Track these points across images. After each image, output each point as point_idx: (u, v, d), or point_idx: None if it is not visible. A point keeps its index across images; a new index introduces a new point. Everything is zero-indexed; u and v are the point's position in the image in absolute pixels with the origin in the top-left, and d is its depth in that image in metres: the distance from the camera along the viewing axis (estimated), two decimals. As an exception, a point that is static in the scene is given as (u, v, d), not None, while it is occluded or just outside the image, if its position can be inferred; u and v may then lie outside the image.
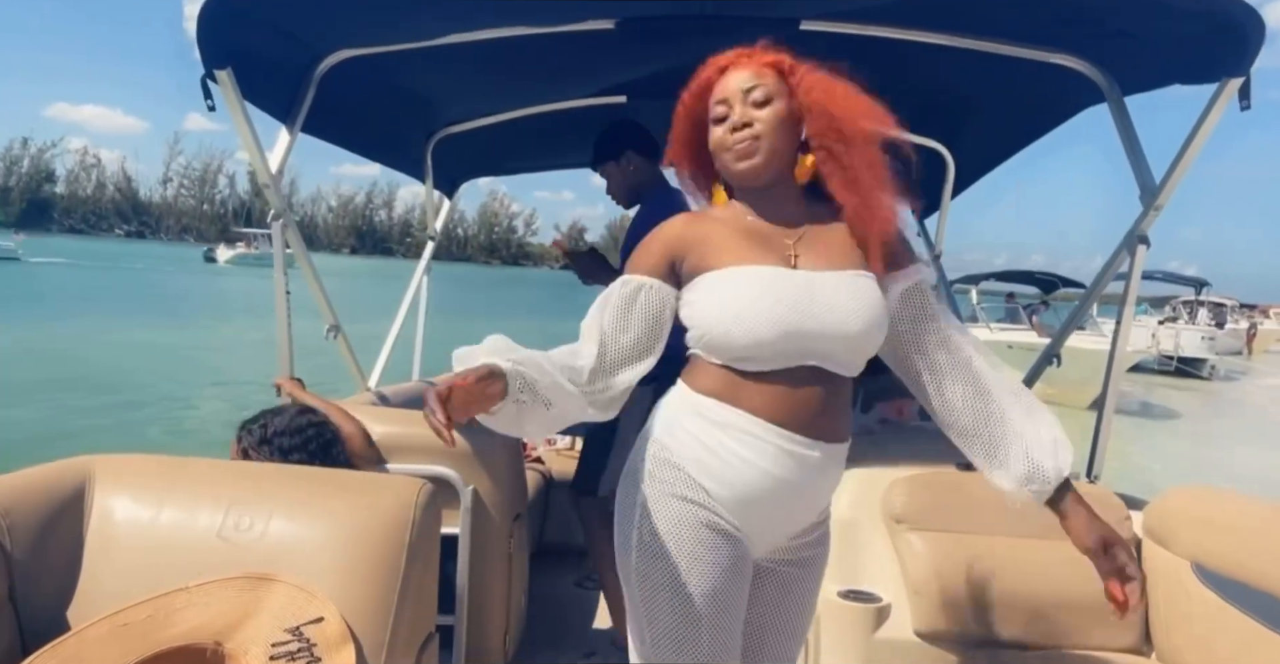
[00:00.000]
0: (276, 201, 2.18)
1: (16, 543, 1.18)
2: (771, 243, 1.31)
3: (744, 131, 1.27)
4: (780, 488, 1.25)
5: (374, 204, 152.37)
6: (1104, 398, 2.23)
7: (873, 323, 1.26)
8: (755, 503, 1.27)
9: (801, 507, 1.32)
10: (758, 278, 1.25)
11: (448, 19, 2.08)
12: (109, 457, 1.38)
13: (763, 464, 1.24)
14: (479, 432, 2.25)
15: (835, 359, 1.26)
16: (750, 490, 1.26)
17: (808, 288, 1.24)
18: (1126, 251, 2.14)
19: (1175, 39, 1.87)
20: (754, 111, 1.28)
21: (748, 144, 1.28)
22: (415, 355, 3.83)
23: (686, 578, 1.25)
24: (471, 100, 3.00)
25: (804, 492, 1.29)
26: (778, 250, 1.30)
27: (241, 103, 1.94)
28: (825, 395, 1.26)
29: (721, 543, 1.27)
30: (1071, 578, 1.86)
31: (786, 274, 1.26)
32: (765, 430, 1.24)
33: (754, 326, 1.21)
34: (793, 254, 1.29)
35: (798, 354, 1.24)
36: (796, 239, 1.31)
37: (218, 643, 1.10)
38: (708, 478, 1.27)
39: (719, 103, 1.31)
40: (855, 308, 1.24)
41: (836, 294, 1.25)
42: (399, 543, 1.26)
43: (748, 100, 1.29)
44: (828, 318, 1.22)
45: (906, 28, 2.13)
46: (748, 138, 1.27)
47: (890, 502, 1.96)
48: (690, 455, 1.28)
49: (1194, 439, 11.95)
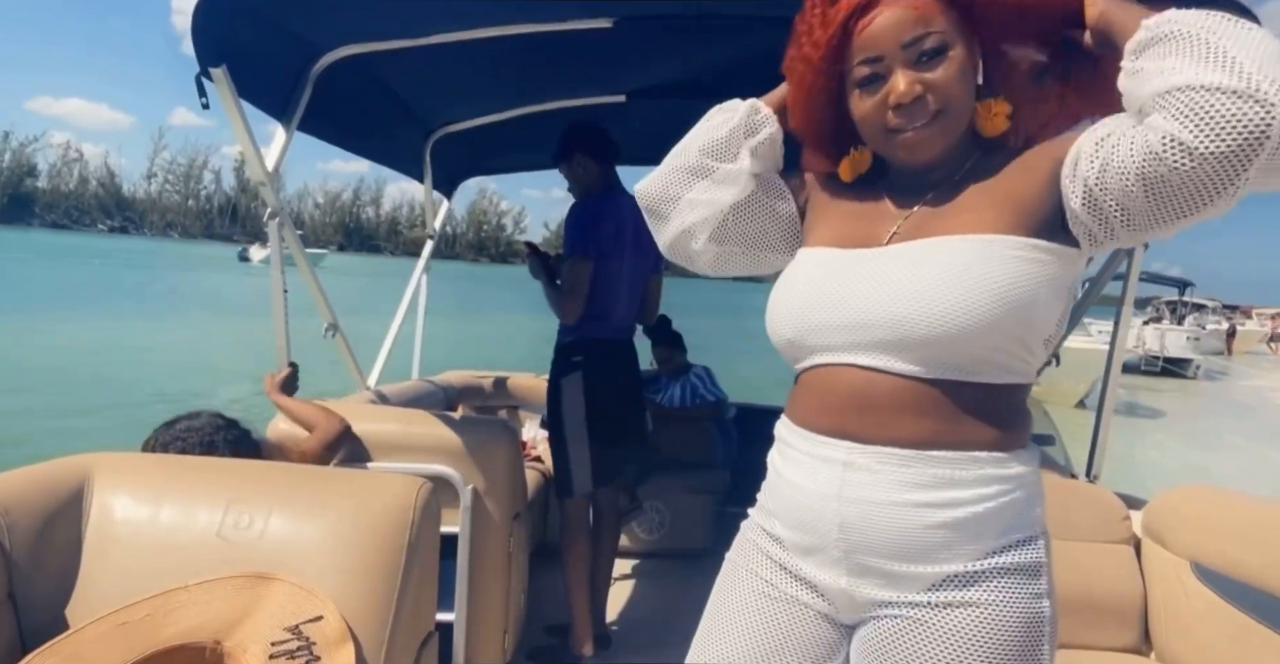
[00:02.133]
0: (272, 200, 2.18)
1: (15, 542, 1.18)
2: (879, 213, 1.02)
3: (914, 108, 0.92)
4: (818, 504, 0.94)
5: (361, 201, 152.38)
6: (1103, 398, 2.24)
7: (966, 301, 0.86)
8: (800, 523, 0.98)
9: (874, 531, 0.91)
10: (812, 262, 1.02)
11: (446, 17, 2.08)
12: (108, 455, 1.38)
13: (794, 476, 0.98)
14: (478, 431, 2.27)
15: (882, 352, 0.92)
16: (790, 509, 0.99)
17: (864, 269, 0.95)
18: (1124, 252, 2.14)
19: None
20: (925, 75, 0.92)
21: (925, 129, 0.93)
22: (415, 354, 3.83)
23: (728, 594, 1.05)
24: (470, 99, 3.00)
25: (859, 509, 0.92)
26: (882, 223, 1.00)
27: (237, 101, 1.93)
28: (878, 393, 0.92)
29: (780, 597, 1.00)
30: (1070, 577, 1.86)
31: (852, 256, 0.98)
32: (797, 436, 1.00)
33: (775, 323, 1.02)
34: (893, 229, 0.98)
35: (828, 349, 0.96)
36: (917, 208, 0.99)
37: (217, 642, 1.10)
38: (765, 493, 1.06)
39: (866, 62, 0.94)
40: (929, 282, 0.88)
41: (904, 267, 0.91)
42: (399, 542, 1.26)
43: (912, 57, 0.92)
44: (863, 299, 0.92)
45: None
46: (921, 119, 0.93)
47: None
48: (766, 471, 1.08)
49: (1181, 438, 12.00)
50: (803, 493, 0.97)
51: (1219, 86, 0.74)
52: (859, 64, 0.95)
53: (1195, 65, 0.76)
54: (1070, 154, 0.90)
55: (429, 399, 3.30)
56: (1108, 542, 1.92)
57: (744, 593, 1.03)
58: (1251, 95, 0.73)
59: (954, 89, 0.92)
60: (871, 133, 0.99)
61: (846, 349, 0.95)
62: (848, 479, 0.92)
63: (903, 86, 0.92)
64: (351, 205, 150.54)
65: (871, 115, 0.96)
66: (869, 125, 0.98)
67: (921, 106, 0.92)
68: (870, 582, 0.94)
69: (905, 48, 0.92)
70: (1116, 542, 1.92)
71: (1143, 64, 0.81)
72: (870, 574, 0.94)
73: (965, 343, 0.88)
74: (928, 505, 0.90)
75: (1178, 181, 0.78)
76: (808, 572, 0.98)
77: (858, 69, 0.95)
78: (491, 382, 3.89)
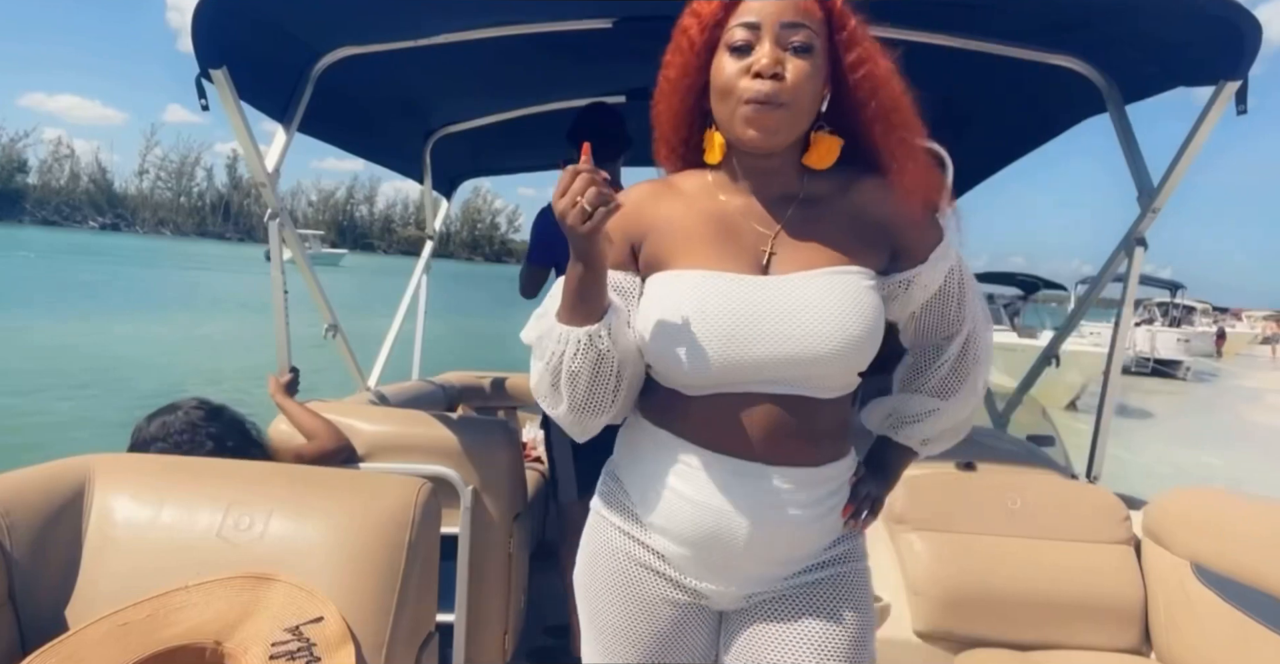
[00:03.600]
0: (273, 201, 2.17)
1: (16, 542, 1.18)
2: (744, 237, 1.05)
3: (770, 85, 0.97)
4: (720, 524, 1.02)
5: (355, 199, 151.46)
6: (1103, 399, 2.24)
7: (856, 336, 0.99)
8: (699, 540, 1.04)
9: (769, 546, 1.04)
10: (706, 290, 1.01)
11: (446, 17, 2.08)
12: (108, 456, 1.38)
13: (691, 492, 1.03)
14: (478, 431, 2.27)
15: (800, 384, 1.01)
16: (688, 526, 1.04)
17: (767, 302, 1.00)
18: (1125, 253, 2.14)
19: (1173, 42, 1.87)
20: (790, 59, 0.98)
21: (770, 111, 0.98)
22: (415, 354, 3.83)
23: (609, 609, 1.12)
24: (470, 100, 3.00)
25: (764, 528, 1.02)
26: (749, 247, 1.04)
27: (237, 102, 1.92)
28: (790, 420, 1.01)
29: (650, 581, 1.09)
30: (1071, 578, 1.86)
31: (745, 284, 1.01)
32: (698, 456, 1.03)
33: (685, 353, 0.99)
34: (768, 252, 1.04)
35: (742, 383, 1.01)
36: (778, 231, 1.05)
37: (217, 642, 1.10)
38: (643, 507, 1.09)
39: (744, 26, 0.99)
40: (832, 321, 0.99)
41: (808, 306, 0.99)
42: (399, 542, 1.26)
43: (784, 38, 0.98)
44: (784, 339, 0.98)
45: (908, 31, 2.13)
46: (771, 100, 0.97)
47: (891, 502, 1.95)
48: (630, 480, 1.12)
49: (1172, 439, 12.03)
50: (707, 512, 1.03)
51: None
52: (738, 26, 1.00)
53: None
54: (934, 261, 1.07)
55: (429, 399, 3.30)
56: (1108, 542, 1.92)
57: (630, 610, 1.10)
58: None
59: (805, 88, 0.99)
60: (724, 95, 1.01)
61: (759, 383, 1.01)
62: (760, 500, 1.02)
63: (767, 58, 0.97)
64: (345, 203, 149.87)
65: (731, 77, 0.99)
66: (725, 86, 1.00)
67: (777, 87, 0.97)
68: (755, 580, 1.07)
69: (782, 27, 0.98)
70: (1117, 542, 1.93)
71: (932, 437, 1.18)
72: (760, 575, 1.07)
73: (849, 369, 1.02)
74: (819, 513, 1.06)
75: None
76: (696, 585, 1.08)
77: (735, 31, 1.00)
78: (491, 382, 3.89)
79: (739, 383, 1.01)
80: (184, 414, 1.73)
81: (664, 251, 1.06)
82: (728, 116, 1.02)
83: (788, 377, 1.00)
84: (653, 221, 1.08)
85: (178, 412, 1.74)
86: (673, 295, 1.02)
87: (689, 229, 1.06)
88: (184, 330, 15.98)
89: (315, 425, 2.08)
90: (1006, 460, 2.27)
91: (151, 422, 1.73)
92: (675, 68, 1.06)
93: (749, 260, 1.04)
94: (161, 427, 1.71)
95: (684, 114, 1.09)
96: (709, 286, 1.01)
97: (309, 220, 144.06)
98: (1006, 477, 2.12)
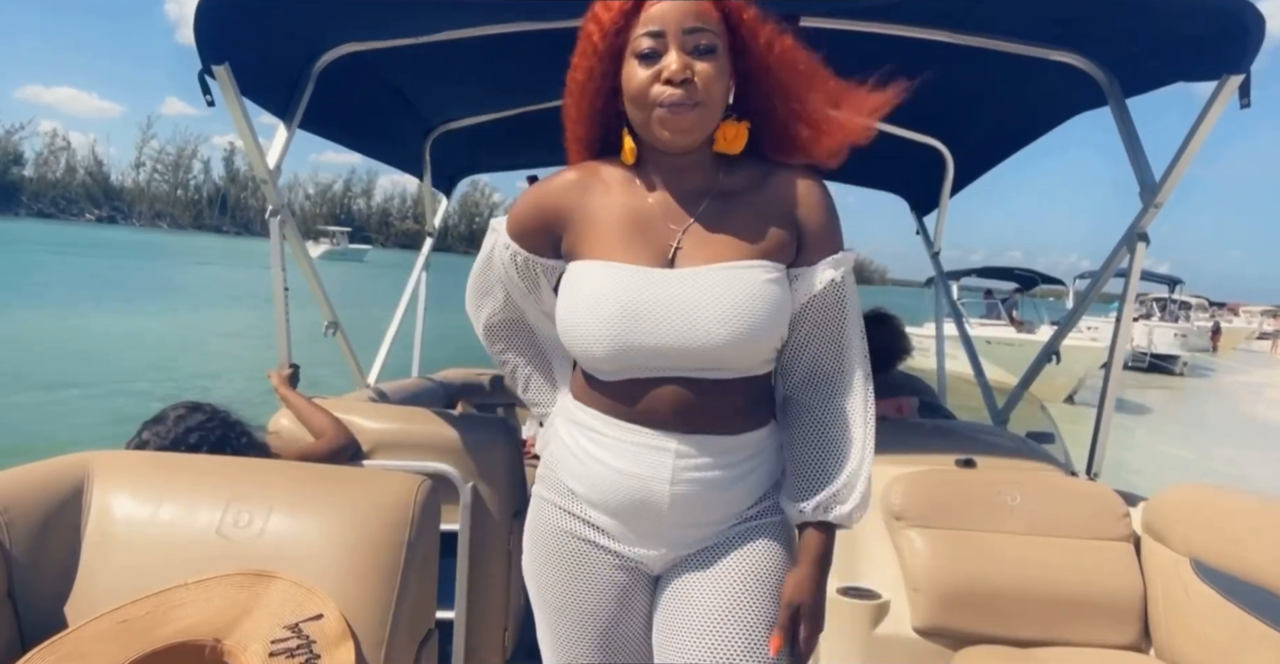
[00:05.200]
0: (274, 197, 2.17)
1: (15, 540, 1.18)
2: (653, 229, 1.11)
3: (681, 91, 1.03)
4: (645, 488, 1.10)
5: (352, 192, 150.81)
6: (1104, 395, 2.24)
7: (748, 326, 1.05)
8: (624, 506, 1.12)
9: (688, 509, 1.11)
10: (607, 281, 1.08)
11: (447, 15, 2.07)
12: (107, 452, 1.38)
13: (617, 462, 1.11)
14: (478, 428, 2.27)
15: (699, 368, 1.08)
16: (612, 492, 1.12)
17: (663, 295, 1.06)
18: (1127, 248, 2.14)
19: (1176, 36, 1.87)
20: (696, 63, 1.04)
21: (683, 112, 1.04)
22: (415, 352, 3.83)
23: (555, 586, 1.19)
24: (470, 97, 2.99)
25: (683, 491, 1.10)
26: (657, 241, 1.11)
27: (239, 98, 1.93)
28: (700, 399, 1.09)
29: (602, 569, 1.16)
30: (1070, 575, 1.86)
31: (645, 277, 1.08)
32: (619, 429, 1.11)
33: (586, 342, 1.08)
34: (674, 246, 1.10)
35: (638, 369, 1.09)
36: (688, 224, 1.12)
37: (217, 640, 1.10)
38: (574, 480, 1.16)
39: (649, 35, 1.04)
40: (722, 309, 1.05)
41: (700, 294, 1.06)
42: (398, 539, 1.26)
43: (688, 44, 1.04)
44: (678, 327, 1.05)
45: (908, 26, 2.12)
46: (684, 102, 1.03)
47: (890, 499, 1.97)
48: (560, 457, 1.19)
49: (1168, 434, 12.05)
50: (632, 479, 1.10)
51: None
52: (643, 35, 1.04)
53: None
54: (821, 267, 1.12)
55: (428, 397, 3.30)
56: (1107, 539, 1.92)
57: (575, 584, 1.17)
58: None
59: (714, 87, 1.05)
60: (638, 102, 1.07)
61: (665, 369, 1.08)
62: (679, 465, 1.09)
63: (675, 65, 1.03)
64: (343, 197, 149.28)
65: (643, 85, 1.05)
66: (638, 94, 1.06)
67: (689, 89, 1.03)
68: (684, 542, 1.15)
69: (685, 33, 1.03)
70: (1116, 539, 1.93)
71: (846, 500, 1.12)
72: (687, 537, 1.14)
73: (752, 353, 1.09)
74: (739, 475, 1.13)
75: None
76: (627, 551, 1.15)
77: (640, 40, 1.05)
78: (491, 379, 3.89)
79: (642, 368, 1.09)
80: (173, 423, 1.70)
81: (581, 242, 1.15)
82: (643, 121, 1.08)
83: (686, 364, 1.08)
84: (572, 212, 1.16)
85: (166, 421, 1.71)
86: (579, 285, 1.11)
87: (605, 222, 1.13)
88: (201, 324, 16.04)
89: (323, 423, 2.07)
90: (1006, 457, 2.27)
91: (142, 433, 1.70)
92: (582, 70, 1.11)
93: (655, 253, 1.10)
94: (155, 437, 1.68)
95: (593, 114, 1.15)
96: (610, 278, 1.09)
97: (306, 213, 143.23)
98: (1006, 473, 2.12)
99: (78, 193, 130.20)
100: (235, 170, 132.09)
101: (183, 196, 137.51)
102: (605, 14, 1.07)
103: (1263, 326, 37.12)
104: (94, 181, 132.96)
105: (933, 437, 2.38)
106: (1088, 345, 12.34)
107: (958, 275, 16.83)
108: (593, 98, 1.12)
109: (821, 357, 1.15)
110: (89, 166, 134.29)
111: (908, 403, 2.77)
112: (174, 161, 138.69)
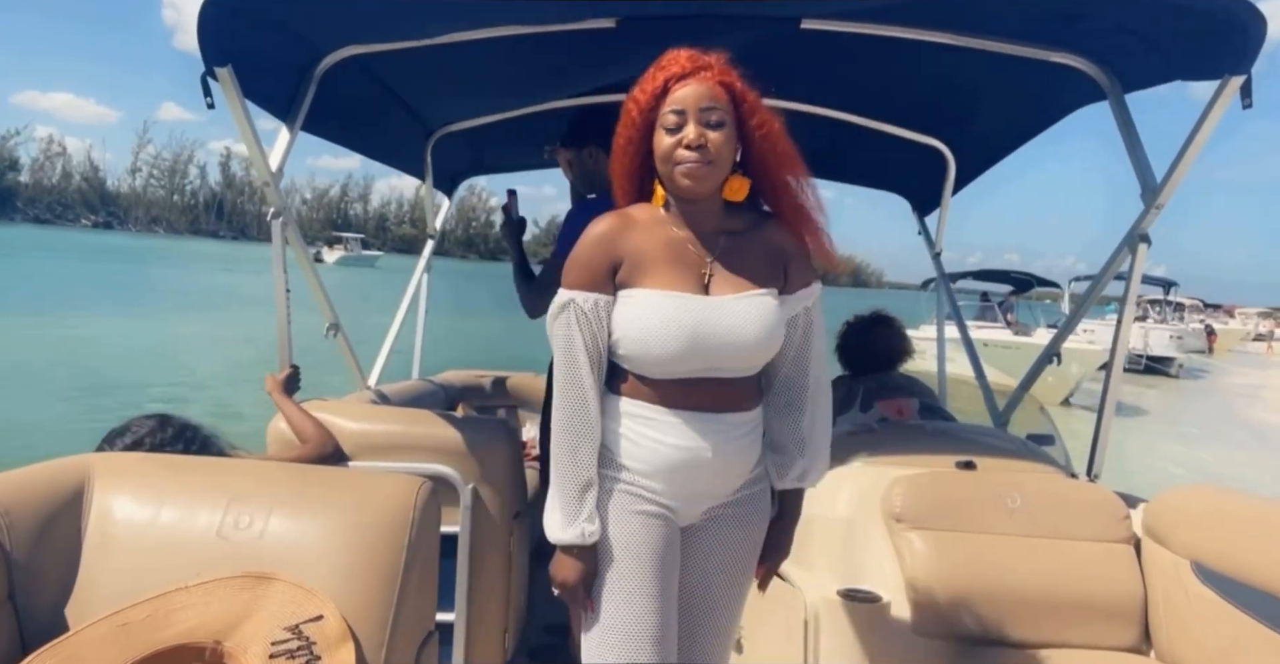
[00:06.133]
0: (276, 200, 2.18)
1: (15, 542, 1.18)
2: (689, 262, 1.45)
3: (697, 153, 1.37)
4: (694, 456, 1.44)
5: (349, 197, 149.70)
6: (1104, 396, 2.24)
7: (769, 341, 1.45)
8: (675, 473, 1.45)
9: (724, 468, 1.48)
10: (672, 307, 1.40)
11: (449, 17, 2.08)
12: (108, 455, 1.38)
13: (670, 440, 1.44)
14: (478, 430, 2.27)
15: (732, 369, 1.45)
16: (666, 463, 1.45)
17: (714, 314, 1.41)
18: (1128, 250, 2.14)
19: (1177, 36, 1.87)
20: (709, 133, 1.37)
21: (699, 167, 1.38)
22: (415, 354, 3.83)
23: (621, 537, 1.45)
24: (472, 99, 3.00)
25: (720, 455, 1.46)
26: (694, 271, 1.44)
27: (242, 101, 1.93)
28: (722, 389, 1.45)
29: (654, 522, 1.46)
30: (1070, 576, 1.86)
31: (697, 303, 1.42)
32: (669, 414, 1.44)
33: (660, 351, 1.39)
34: (708, 275, 1.45)
35: (697, 370, 1.43)
36: (713, 259, 1.45)
37: (217, 641, 1.10)
38: (631, 460, 1.46)
39: (674, 112, 1.38)
40: (755, 330, 1.42)
41: (739, 318, 1.42)
42: (399, 541, 1.26)
43: (703, 119, 1.38)
44: (727, 341, 1.40)
45: (907, 26, 2.12)
46: (700, 161, 1.37)
47: (890, 501, 1.96)
48: (618, 446, 1.47)
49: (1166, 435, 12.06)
50: (687, 452, 1.44)
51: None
52: (669, 112, 1.39)
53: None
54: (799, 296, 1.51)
55: (429, 399, 3.30)
56: (1108, 541, 1.92)
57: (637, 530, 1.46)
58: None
59: (723, 150, 1.39)
60: (664, 160, 1.41)
61: (708, 370, 1.43)
62: (719, 439, 1.45)
63: (693, 134, 1.37)
64: (339, 201, 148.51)
65: (669, 148, 1.39)
66: (664, 155, 1.40)
67: (704, 152, 1.38)
68: (713, 496, 1.51)
69: (701, 110, 1.38)
70: (1117, 541, 1.92)
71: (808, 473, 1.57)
72: (717, 496, 1.51)
73: (764, 359, 1.49)
74: (750, 441, 1.51)
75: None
76: (671, 504, 1.48)
77: (667, 116, 1.39)
78: (491, 381, 3.89)
79: (692, 370, 1.43)
80: (131, 434, 1.65)
81: (636, 271, 1.44)
82: (669, 174, 1.42)
83: (724, 366, 1.44)
84: (624, 247, 1.45)
85: (126, 434, 1.65)
86: (651, 307, 1.41)
87: (652, 255, 1.44)
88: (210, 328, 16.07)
89: (306, 429, 2.08)
90: (1006, 459, 2.27)
91: (104, 447, 1.63)
92: (624, 137, 1.46)
93: (693, 282, 1.44)
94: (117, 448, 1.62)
95: (634, 170, 1.49)
96: (674, 304, 1.41)
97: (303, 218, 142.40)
98: (1006, 475, 2.11)
99: (74, 198, 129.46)
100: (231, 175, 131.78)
101: (179, 202, 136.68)
102: (641, 96, 1.41)
103: (1258, 328, 37.13)
104: (90, 187, 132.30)
105: (933, 438, 2.38)
106: (1084, 348, 12.33)
107: (954, 278, 16.86)
108: (632, 157, 1.46)
109: (798, 360, 1.54)
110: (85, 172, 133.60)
111: (908, 405, 2.77)
112: (170, 167, 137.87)
